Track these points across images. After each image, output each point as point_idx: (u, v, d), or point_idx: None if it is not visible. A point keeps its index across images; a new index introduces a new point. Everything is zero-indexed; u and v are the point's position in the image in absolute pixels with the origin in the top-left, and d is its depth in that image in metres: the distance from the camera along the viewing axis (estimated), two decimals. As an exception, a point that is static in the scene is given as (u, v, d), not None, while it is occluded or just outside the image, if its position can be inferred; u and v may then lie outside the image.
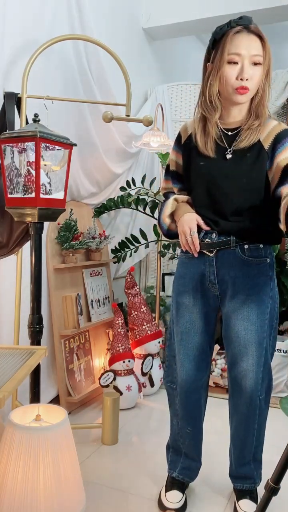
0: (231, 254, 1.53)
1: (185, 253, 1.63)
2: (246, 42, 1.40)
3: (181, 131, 1.65)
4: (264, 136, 1.48)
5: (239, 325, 1.54)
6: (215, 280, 1.56)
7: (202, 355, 1.65)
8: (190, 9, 3.42)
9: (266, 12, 3.27)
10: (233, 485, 1.73)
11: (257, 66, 1.43)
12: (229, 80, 1.43)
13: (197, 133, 1.54)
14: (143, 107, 3.55)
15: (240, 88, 1.42)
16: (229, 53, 1.40)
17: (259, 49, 1.42)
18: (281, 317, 3.32)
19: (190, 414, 1.71)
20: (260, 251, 1.53)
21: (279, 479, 1.16)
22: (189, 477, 1.76)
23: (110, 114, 2.22)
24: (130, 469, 1.99)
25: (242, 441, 1.66)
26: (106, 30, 3.04)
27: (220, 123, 1.53)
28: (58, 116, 2.37)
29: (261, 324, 1.53)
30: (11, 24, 2.16)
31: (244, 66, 1.41)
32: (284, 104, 3.40)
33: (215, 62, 1.45)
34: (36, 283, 1.86)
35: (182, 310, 1.64)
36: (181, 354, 1.65)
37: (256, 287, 1.52)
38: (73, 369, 2.55)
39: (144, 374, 2.76)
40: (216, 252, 1.54)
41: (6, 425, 1.16)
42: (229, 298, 1.55)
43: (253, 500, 1.65)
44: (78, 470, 1.20)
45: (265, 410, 1.64)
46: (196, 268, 1.59)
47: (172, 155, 1.69)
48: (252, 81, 1.43)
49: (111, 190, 3.14)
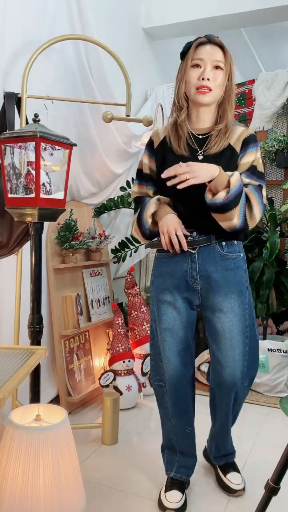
0: (211, 250, 1.62)
1: (164, 252, 1.68)
2: (208, 50, 1.56)
3: (153, 137, 1.73)
4: (234, 140, 1.60)
5: (224, 318, 1.63)
6: (197, 275, 1.63)
7: (187, 350, 1.70)
8: (190, 9, 3.42)
9: (266, 12, 3.27)
10: (215, 462, 1.89)
11: (219, 70, 1.57)
12: (192, 81, 1.57)
13: (170, 136, 1.65)
14: (143, 107, 3.55)
15: (201, 87, 1.55)
16: (193, 59, 1.57)
17: (220, 56, 1.57)
18: (281, 317, 3.33)
19: (181, 409, 1.73)
20: (235, 246, 1.65)
21: (279, 479, 1.16)
22: (187, 474, 1.78)
23: (110, 114, 2.22)
24: (130, 469, 1.99)
25: (226, 425, 1.80)
26: (106, 30, 3.04)
27: (191, 128, 1.64)
28: (58, 116, 2.37)
29: (243, 313, 1.64)
30: (11, 24, 2.16)
31: (205, 69, 1.56)
32: (284, 104, 3.39)
33: (181, 69, 1.61)
34: (36, 283, 1.86)
35: (164, 307, 1.68)
36: (167, 351, 1.68)
37: (234, 279, 1.63)
38: (73, 369, 2.56)
39: (144, 374, 2.76)
40: (198, 249, 1.62)
41: (6, 425, 1.16)
42: (211, 292, 1.64)
43: (237, 471, 1.85)
44: (78, 470, 1.20)
45: (246, 394, 1.79)
46: (178, 266, 1.65)
47: (145, 160, 1.75)
48: (215, 82, 1.56)
49: (111, 190, 3.14)
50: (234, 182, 1.49)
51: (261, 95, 3.39)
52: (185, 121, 1.63)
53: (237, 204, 1.50)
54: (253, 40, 4.79)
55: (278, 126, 3.54)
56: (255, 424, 2.45)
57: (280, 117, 3.53)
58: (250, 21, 3.44)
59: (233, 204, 1.49)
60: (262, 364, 2.79)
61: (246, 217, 1.54)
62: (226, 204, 1.49)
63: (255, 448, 2.19)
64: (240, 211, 1.52)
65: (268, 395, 2.80)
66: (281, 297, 2.85)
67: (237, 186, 1.49)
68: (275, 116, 3.47)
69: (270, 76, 3.43)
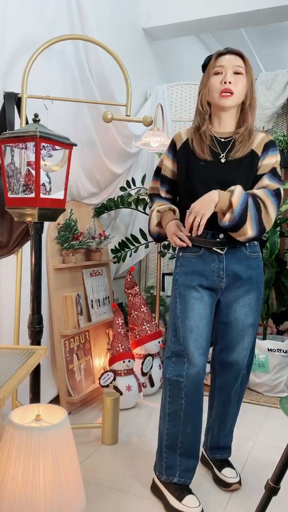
0: (237, 251, 1.73)
1: (191, 252, 1.75)
2: (227, 58, 1.67)
3: (175, 138, 1.81)
4: (256, 145, 1.70)
5: (239, 311, 1.75)
6: (224, 274, 1.72)
7: (208, 348, 1.75)
8: (190, 9, 3.42)
9: (266, 12, 3.27)
10: (211, 457, 1.94)
11: (240, 75, 1.66)
12: (214, 86, 1.67)
13: (194, 140, 1.74)
14: (143, 107, 3.55)
15: (223, 90, 1.64)
16: (214, 67, 1.67)
17: (240, 63, 1.67)
18: (281, 317, 3.33)
19: (196, 408, 1.71)
20: (256, 247, 1.77)
21: (279, 479, 1.16)
22: (190, 478, 1.73)
23: (110, 114, 2.22)
24: (130, 469, 1.99)
25: (226, 414, 1.88)
26: (106, 30, 3.04)
27: (214, 131, 1.73)
28: (58, 116, 2.37)
29: (257, 308, 1.78)
30: (11, 24, 2.16)
31: (226, 73, 1.65)
32: (284, 104, 3.40)
33: (204, 78, 1.72)
34: (36, 283, 1.86)
35: (191, 304, 1.72)
36: (192, 347, 1.69)
37: (255, 277, 1.76)
38: (73, 369, 2.56)
39: (144, 374, 2.76)
40: (225, 250, 1.71)
41: (6, 425, 1.16)
42: (233, 289, 1.74)
43: (232, 468, 1.90)
44: (78, 470, 1.20)
45: (246, 384, 1.92)
46: (206, 265, 1.72)
47: (166, 162, 1.84)
48: (236, 86, 1.65)
49: (111, 190, 3.14)
50: (236, 201, 1.57)
51: (261, 95, 3.39)
52: (208, 126, 1.73)
53: (245, 220, 1.59)
54: (253, 40, 4.79)
55: (278, 126, 3.55)
56: (255, 424, 2.45)
57: (280, 117, 3.53)
58: (250, 21, 3.44)
59: (240, 222, 1.59)
60: (262, 364, 2.79)
61: (262, 223, 1.62)
62: (234, 225, 1.59)
63: (255, 448, 2.20)
64: (253, 222, 1.61)
65: (268, 395, 2.80)
66: (281, 297, 2.85)
67: (239, 204, 1.57)
68: (275, 116, 3.48)
69: (270, 76, 3.43)
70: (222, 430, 1.91)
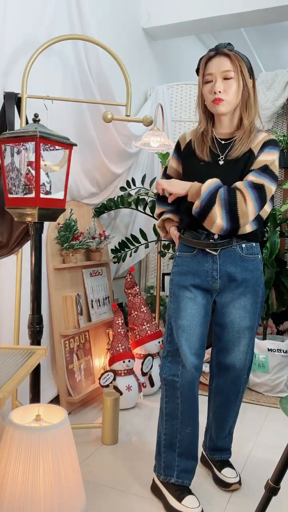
0: (232, 252, 1.71)
1: (186, 252, 1.76)
2: (215, 63, 1.64)
3: (180, 140, 1.84)
4: (255, 144, 1.68)
5: (235, 313, 1.74)
6: (218, 275, 1.71)
7: (202, 348, 1.73)
8: (190, 9, 3.42)
9: (266, 12, 3.27)
10: (210, 458, 1.93)
11: (230, 80, 1.64)
12: (207, 96, 1.68)
13: (195, 141, 1.77)
14: (143, 107, 3.55)
15: (214, 100, 1.65)
16: (204, 75, 1.68)
17: (228, 66, 1.63)
18: (281, 317, 3.33)
19: (192, 407, 1.71)
20: (253, 248, 1.74)
21: (279, 479, 1.16)
22: (188, 479, 1.72)
23: (110, 114, 2.22)
24: (130, 469, 1.99)
25: (224, 417, 1.87)
26: (106, 30, 3.04)
27: (216, 133, 1.75)
28: (58, 116, 2.37)
29: (253, 311, 1.75)
30: (11, 24, 2.16)
31: (216, 82, 1.64)
32: (284, 104, 3.40)
33: (199, 83, 1.73)
34: (36, 283, 1.86)
35: (184, 303, 1.72)
36: (184, 346, 1.69)
37: (252, 280, 1.73)
38: (73, 369, 2.56)
39: (144, 374, 2.76)
40: (219, 251, 1.70)
41: (6, 425, 1.16)
42: (228, 291, 1.73)
43: (232, 468, 1.90)
44: (78, 470, 1.20)
45: (245, 388, 1.89)
46: (199, 266, 1.72)
47: (172, 163, 1.87)
48: (227, 93, 1.64)
49: (111, 190, 3.14)
50: (204, 189, 1.60)
51: (261, 95, 3.39)
52: (208, 129, 1.75)
53: (211, 206, 1.58)
54: (253, 40, 4.79)
55: (278, 126, 3.55)
56: (255, 424, 2.45)
57: (280, 117, 3.53)
58: (250, 21, 3.44)
59: (207, 208, 1.59)
60: (262, 364, 2.79)
61: (235, 213, 1.57)
62: (201, 211, 1.60)
63: (255, 448, 2.20)
64: (222, 210, 1.58)
65: (268, 395, 2.80)
66: (281, 297, 2.85)
67: (208, 190, 1.60)
68: (275, 116, 3.48)
69: (270, 76, 3.43)
70: (220, 432, 1.90)
